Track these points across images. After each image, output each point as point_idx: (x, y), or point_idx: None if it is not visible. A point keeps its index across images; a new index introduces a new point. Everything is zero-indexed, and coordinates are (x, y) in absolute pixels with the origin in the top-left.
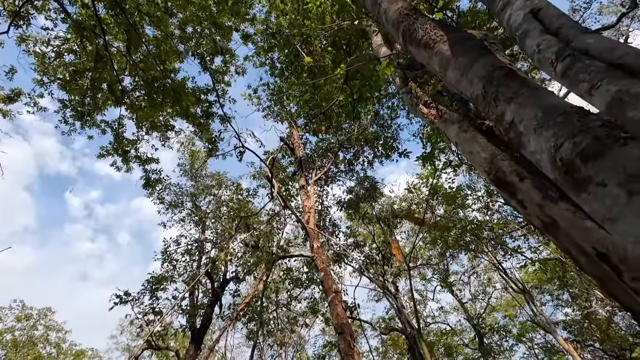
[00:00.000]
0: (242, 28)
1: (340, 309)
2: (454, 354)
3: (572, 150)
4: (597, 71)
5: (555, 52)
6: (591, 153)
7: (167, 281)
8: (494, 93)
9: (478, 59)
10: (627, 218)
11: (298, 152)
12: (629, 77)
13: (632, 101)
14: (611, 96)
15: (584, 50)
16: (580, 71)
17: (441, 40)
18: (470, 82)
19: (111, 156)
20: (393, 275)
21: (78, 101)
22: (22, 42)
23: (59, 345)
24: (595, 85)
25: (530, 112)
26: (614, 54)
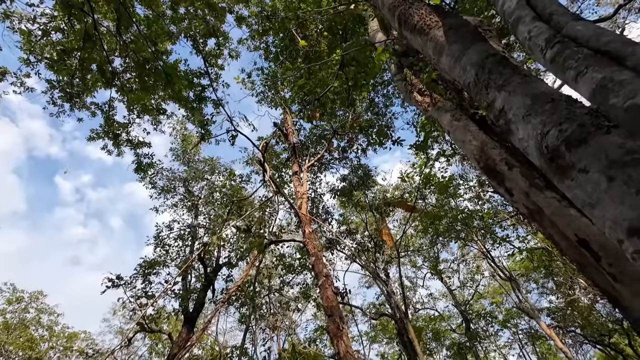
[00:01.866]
0: (237, 10)
1: (330, 292)
2: (442, 338)
3: (558, 137)
4: (583, 58)
5: (546, 39)
6: (575, 140)
7: (159, 266)
8: (485, 80)
9: (471, 46)
10: (605, 203)
11: (291, 138)
12: (614, 65)
13: (615, 88)
14: (595, 83)
15: (573, 38)
16: (568, 58)
17: (436, 26)
18: (463, 69)
19: (102, 139)
20: (384, 263)
21: (66, 82)
22: (7, 19)
23: (51, 328)
24: (582, 72)
25: (520, 100)
26: (600, 41)
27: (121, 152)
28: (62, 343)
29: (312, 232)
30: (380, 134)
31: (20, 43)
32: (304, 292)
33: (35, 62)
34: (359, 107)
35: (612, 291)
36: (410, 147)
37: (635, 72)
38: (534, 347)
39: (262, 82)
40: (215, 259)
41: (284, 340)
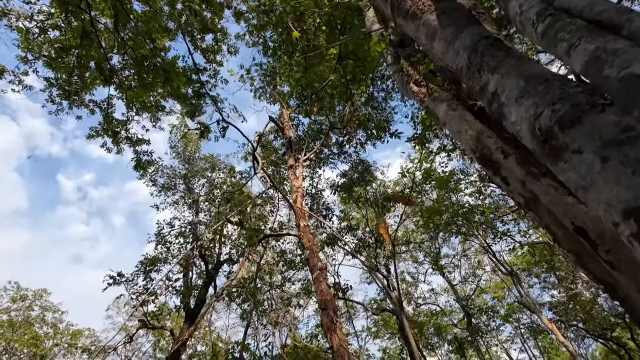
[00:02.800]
0: (235, 5)
1: (324, 285)
2: (443, 333)
3: (551, 118)
4: (576, 29)
5: (537, 12)
6: (569, 120)
7: (160, 263)
8: (478, 63)
9: (465, 29)
10: (599, 185)
11: (288, 132)
12: (607, 34)
13: (609, 58)
14: (588, 55)
15: (566, 9)
16: (559, 30)
17: (429, 10)
18: (456, 53)
19: (101, 137)
20: (385, 258)
21: (65, 80)
22: (4, 17)
23: (56, 326)
24: (574, 44)
25: (513, 81)
26: (594, 11)
27: (120, 149)
28: (67, 340)
29: (307, 226)
30: (379, 128)
31: (18, 41)
32: (306, 288)
33: (33, 60)
34: (358, 101)
35: (610, 279)
36: (408, 139)
37: (631, 41)
38: (535, 341)
39: (261, 77)
40: (216, 256)
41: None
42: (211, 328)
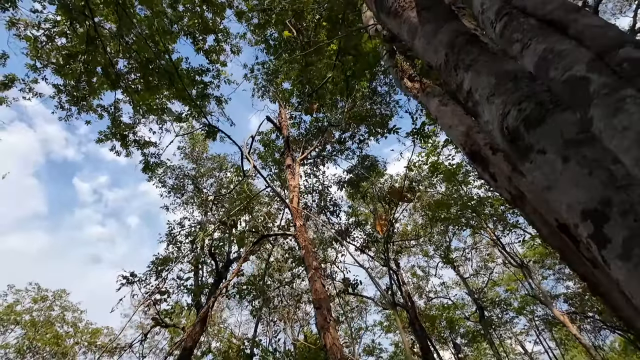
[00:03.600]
0: (236, 4)
1: (319, 284)
2: (456, 327)
3: (517, 117)
4: (529, 29)
5: (496, 11)
6: (534, 119)
7: (172, 262)
8: (454, 61)
9: (443, 26)
10: (561, 185)
11: (285, 131)
12: (556, 34)
13: (555, 60)
14: (537, 55)
15: (522, 8)
16: (514, 30)
17: (409, 7)
18: (435, 51)
19: (110, 141)
20: (395, 253)
21: (73, 86)
22: (12, 26)
23: (76, 325)
24: (526, 44)
25: (485, 79)
26: (545, 9)
27: (129, 152)
28: (86, 339)
29: (303, 226)
30: (377, 124)
31: (27, 49)
32: None
33: (42, 68)
34: (359, 97)
35: (592, 277)
36: (407, 134)
37: (577, 41)
38: (551, 333)
39: (263, 76)
40: (226, 254)
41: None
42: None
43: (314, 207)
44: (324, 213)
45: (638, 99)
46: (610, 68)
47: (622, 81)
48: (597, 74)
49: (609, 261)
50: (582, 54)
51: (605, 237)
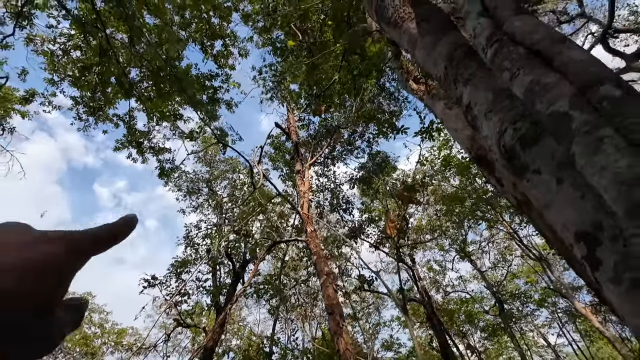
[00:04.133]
0: (242, 8)
1: (331, 290)
2: (475, 320)
3: (513, 136)
4: (517, 59)
5: (487, 37)
6: (530, 139)
7: (190, 264)
8: (453, 74)
9: (442, 37)
10: (556, 206)
11: (293, 136)
12: (543, 66)
13: (540, 92)
14: (525, 87)
15: (512, 35)
16: (504, 58)
17: (409, 18)
18: (434, 63)
19: (126, 148)
20: (409, 248)
21: (89, 97)
22: (30, 43)
23: (102, 326)
24: (514, 74)
25: (483, 95)
26: (533, 39)
27: (145, 159)
28: (113, 339)
29: (314, 231)
30: (386, 122)
31: (44, 64)
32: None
33: (59, 81)
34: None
35: (595, 284)
36: (416, 134)
37: (561, 74)
38: (575, 325)
39: (271, 79)
40: (242, 254)
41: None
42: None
43: (327, 205)
44: (337, 211)
45: (614, 139)
46: (591, 105)
47: (601, 120)
48: (578, 111)
49: (601, 283)
50: (566, 89)
51: (598, 260)
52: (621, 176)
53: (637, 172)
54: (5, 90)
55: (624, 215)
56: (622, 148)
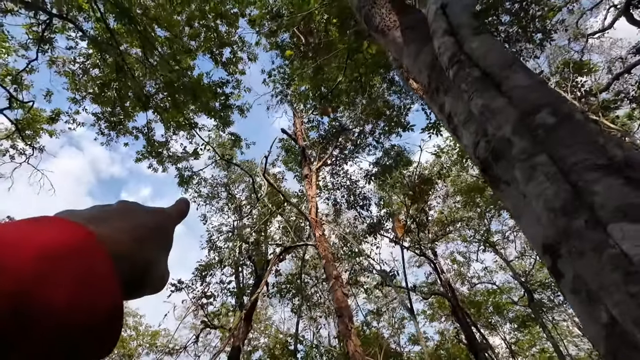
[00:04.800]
0: (248, 12)
1: (340, 293)
2: (504, 312)
3: (486, 149)
4: (473, 81)
5: (449, 57)
6: (500, 152)
7: (214, 267)
8: (435, 83)
9: (426, 46)
10: (526, 217)
11: (300, 141)
12: (493, 90)
13: (489, 117)
14: (478, 110)
15: (470, 56)
16: (462, 80)
17: (394, 27)
18: (419, 71)
19: (147, 159)
20: (430, 242)
21: (109, 112)
22: (52, 65)
23: (137, 328)
24: (470, 97)
25: (461, 105)
26: (486, 62)
27: (165, 168)
28: (147, 341)
29: (322, 235)
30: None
31: (67, 84)
32: (353, 279)
33: (81, 99)
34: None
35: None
36: (423, 130)
37: (508, 99)
38: None
39: (279, 81)
40: (262, 255)
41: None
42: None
43: (344, 203)
44: (354, 208)
45: (546, 167)
46: (530, 131)
47: (538, 147)
48: (518, 137)
49: (564, 294)
50: (510, 115)
51: (559, 272)
52: (550, 204)
53: (563, 200)
54: (34, 111)
55: (558, 240)
56: (552, 175)
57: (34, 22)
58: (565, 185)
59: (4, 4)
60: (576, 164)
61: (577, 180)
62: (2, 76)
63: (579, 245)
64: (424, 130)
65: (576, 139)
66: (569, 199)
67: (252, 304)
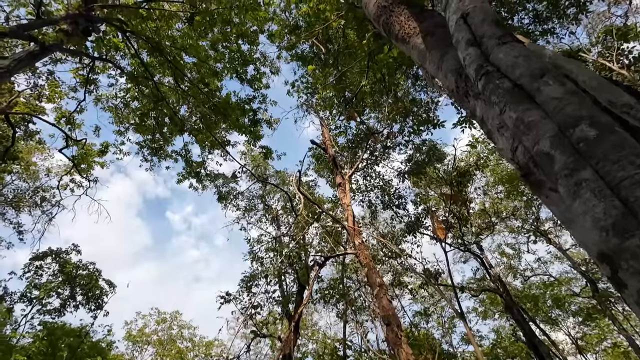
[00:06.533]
0: (266, 28)
1: (385, 301)
2: (565, 304)
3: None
4: (503, 93)
5: (475, 68)
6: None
7: (258, 278)
8: (464, 88)
9: (449, 51)
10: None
11: (330, 151)
12: (526, 102)
13: (525, 131)
14: (512, 123)
15: (498, 67)
16: (492, 92)
17: (414, 33)
18: (444, 76)
19: (187, 180)
20: (474, 235)
21: (150, 139)
22: (98, 102)
23: (192, 340)
24: (503, 110)
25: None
26: (515, 74)
27: (205, 186)
28: (203, 351)
29: (362, 243)
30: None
31: (111, 118)
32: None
33: (125, 130)
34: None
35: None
36: (455, 125)
37: (543, 111)
38: None
39: (303, 90)
40: (303, 262)
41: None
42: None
43: (379, 203)
44: (389, 208)
45: (592, 183)
46: (571, 144)
47: (581, 161)
48: (559, 152)
49: (629, 304)
50: (547, 128)
51: (621, 282)
52: (600, 222)
53: (614, 218)
54: (86, 147)
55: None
56: (600, 192)
57: (80, 67)
58: (615, 202)
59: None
60: (625, 179)
61: (627, 196)
62: (57, 119)
63: (637, 265)
64: (455, 125)
65: (621, 152)
66: (620, 216)
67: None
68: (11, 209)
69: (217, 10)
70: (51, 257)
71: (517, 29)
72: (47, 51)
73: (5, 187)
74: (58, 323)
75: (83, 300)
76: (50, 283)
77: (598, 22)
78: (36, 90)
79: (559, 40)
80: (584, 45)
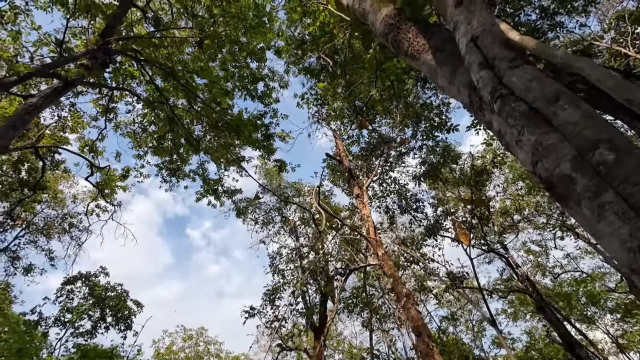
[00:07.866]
0: (273, 44)
1: (414, 311)
2: (601, 301)
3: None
4: (520, 116)
5: (490, 91)
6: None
7: (280, 291)
8: (478, 102)
9: (460, 67)
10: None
11: (345, 162)
12: (543, 125)
13: (545, 154)
14: (531, 146)
15: (512, 90)
16: (509, 115)
17: (424, 50)
18: (457, 90)
19: (205, 197)
20: (497, 235)
21: (168, 160)
22: (117, 129)
23: (219, 355)
24: (520, 132)
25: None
26: (529, 97)
27: (222, 203)
28: None
29: (385, 253)
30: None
31: (131, 143)
32: (420, 285)
33: (144, 154)
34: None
35: None
36: (469, 128)
37: (561, 134)
38: None
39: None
40: (324, 273)
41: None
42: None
43: (396, 208)
44: (407, 212)
45: (615, 205)
46: (591, 167)
47: (603, 184)
48: (580, 175)
49: None
50: (566, 151)
51: None
52: (626, 244)
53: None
54: (109, 173)
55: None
56: (624, 214)
57: (99, 97)
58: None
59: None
60: None
61: None
62: (81, 147)
63: None
64: (469, 127)
65: None
66: None
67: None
68: (42, 237)
69: (225, 32)
70: (81, 281)
71: (525, 25)
72: (70, 86)
73: (36, 216)
74: (90, 345)
75: (113, 321)
76: (82, 306)
77: (609, 8)
78: (60, 122)
79: (569, 33)
80: (595, 32)
